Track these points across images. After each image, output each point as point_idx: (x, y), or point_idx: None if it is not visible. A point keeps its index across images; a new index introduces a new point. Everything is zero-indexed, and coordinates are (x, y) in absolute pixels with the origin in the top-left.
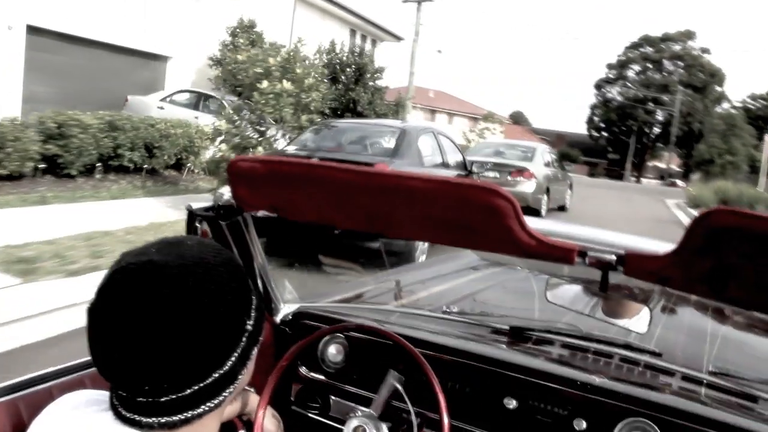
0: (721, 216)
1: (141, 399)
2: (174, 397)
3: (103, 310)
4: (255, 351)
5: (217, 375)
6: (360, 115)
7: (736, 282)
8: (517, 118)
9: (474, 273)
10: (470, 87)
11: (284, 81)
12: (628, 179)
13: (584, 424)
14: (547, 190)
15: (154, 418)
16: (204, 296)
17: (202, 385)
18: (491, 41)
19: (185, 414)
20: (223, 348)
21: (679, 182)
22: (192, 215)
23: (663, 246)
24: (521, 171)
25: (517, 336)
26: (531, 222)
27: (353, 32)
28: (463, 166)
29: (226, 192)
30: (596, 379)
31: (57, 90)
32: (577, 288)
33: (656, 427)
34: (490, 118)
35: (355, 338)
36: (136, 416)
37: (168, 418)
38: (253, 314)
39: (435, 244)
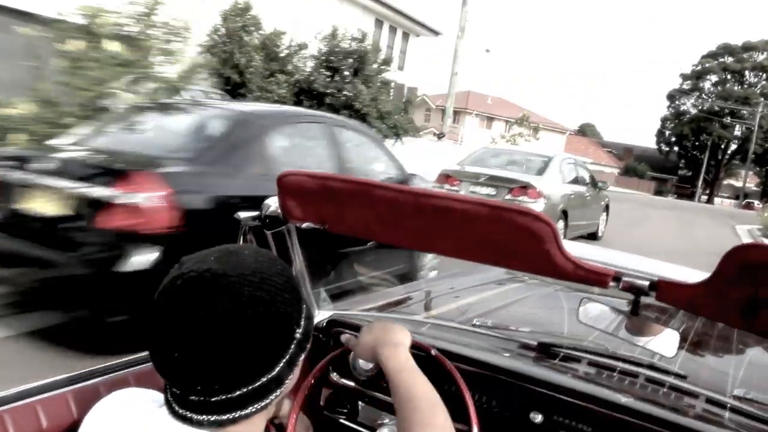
0: (757, 250)
1: (193, 398)
2: (224, 397)
3: (163, 313)
4: (302, 357)
5: (265, 379)
6: (358, 113)
7: (766, 314)
8: (586, 131)
9: (503, 286)
10: (534, 95)
11: (111, 42)
12: (700, 198)
13: None
14: (564, 214)
15: (204, 416)
16: (258, 305)
17: (251, 387)
18: (552, 42)
19: (233, 414)
20: (272, 354)
21: (756, 203)
22: (239, 224)
23: (696, 274)
24: (524, 188)
25: (545, 352)
26: (568, 246)
27: (379, 22)
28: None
29: (272, 203)
30: (622, 398)
31: None
32: (606, 308)
33: None
34: (525, 122)
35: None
36: (188, 413)
37: (217, 417)
38: (302, 323)
39: (474, 262)
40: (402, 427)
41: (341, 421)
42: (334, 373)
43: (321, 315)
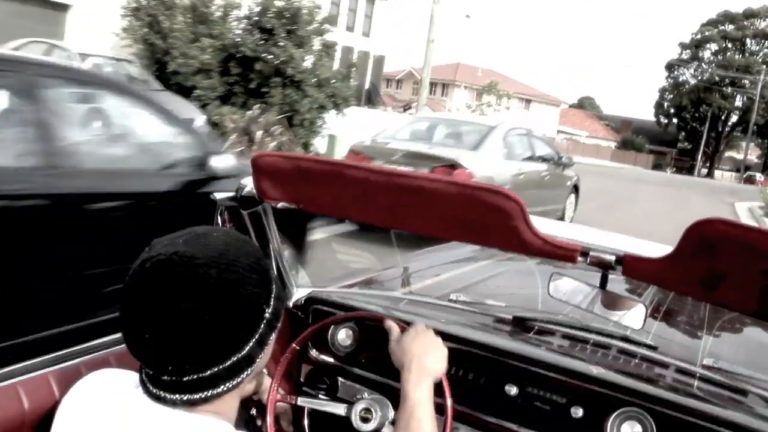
0: (715, 225)
1: (165, 377)
2: (195, 377)
3: (133, 296)
4: (273, 336)
5: (236, 358)
6: (292, 80)
7: (727, 286)
8: (584, 104)
9: (479, 261)
10: (530, 68)
11: None
12: (699, 172)
13: (581, 412)
14: None
15: (177, 395)
16: (226, 287)
17: (221, 367)
18: (549, 12)
19: (205, 393)
20: (242, 334)
21: (758, 176)
22: (215, 204)
23: (661, 249)
24: (451, 167)
25: (520, 326)
26: (537, 222)
27: None
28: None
29: (248, 183)
30: (594, 370)
31: None
32: (578, 283)
33: (649, 417)
34: (494, 90)
35: (364, 324)
36: (161, 393)
37: (190, 396)
38: (272, 302)
39: (445, 239)
40: None
41: (321, 397)
42: (314, 350)
43: (299, 292)
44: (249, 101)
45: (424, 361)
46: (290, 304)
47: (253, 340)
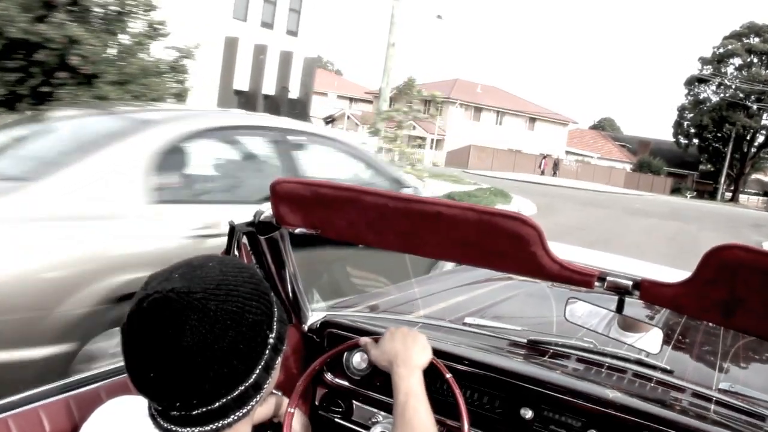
0: (733, 251)
1: (174, 413)
2: (204, 410)
3: (133, 336)
4: (279, 360)
5: (243, 387)
6: (81, 73)
7: (745, 312)
8: (604, 126)
9: (493, 284)
10: (544, 87)
11: None
12: (723, 196)
13: None
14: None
15: (188, 429)
16: (227, 318)
17: (230, 397)
18: (569, 32)
19: (216, 424)
20: (247, 362)
21: None
22: (233, 229)
23: (678, 274)
24: None
25: (535, 349)
26: (554, 247)
27: None
28: None
29: (266, 209)
30: (609, 394)
31: None
32: (594, 308)
33: None
34: (408, 92)
35: None
36: (172, 427)
37: (201, 428)
38: (275, 327)
39: (462, 264)
40: None
41: (335, 420)
42: (329, 373)
43: (314, 316)
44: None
45: (408, 354)
46: (305, 327)
47: (260, 367)
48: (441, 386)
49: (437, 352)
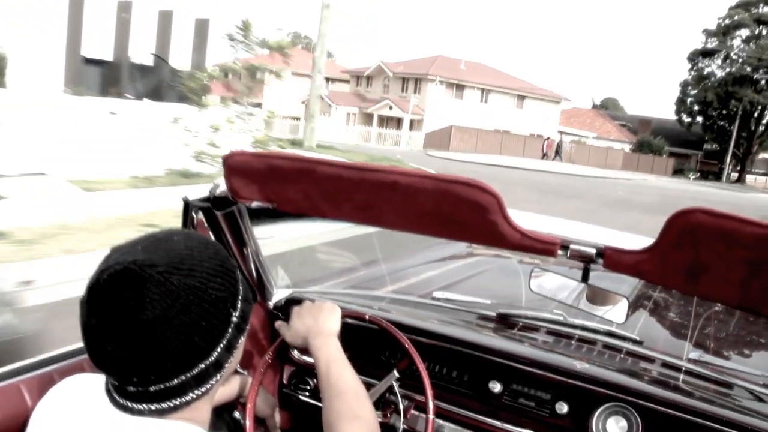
0: (697, 215)
1: (131, 388)
2: (162, 386)
3: (92, 307)
4: (242, 339)
5: (203, 365)
6: None
7: (709, 277)
8: (607, 105)
9: (463, 260)
10: (542, 66)
11: None
12: (729, 176)
13: (566, 408)
14: None
15: (144, 405)
16: (189, 293)
17: (189, 375)
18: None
19: (174, 401)
20: (208, 340)
21: None
22: (188, 205)
23: (642, 241)
24: None
25: (504, 323)
26: (515, 216)
27: None
28: None
29: (221, 183)
30: (578, 365)
31: None
32: (560, 279)
33: (635, 412)
34: (248, 34)
35: (345, 323)
36: (128, 403)
37: (157, 405)
38: (239, 305)
39: (421, 235)
40: (328, 418)
41: (303, 398)
42: (295, 351)
43: (279, 293)
44: None
45: (319, 325)
46: (270, 305)
47: (221, 345)
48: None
49: (405, 327)
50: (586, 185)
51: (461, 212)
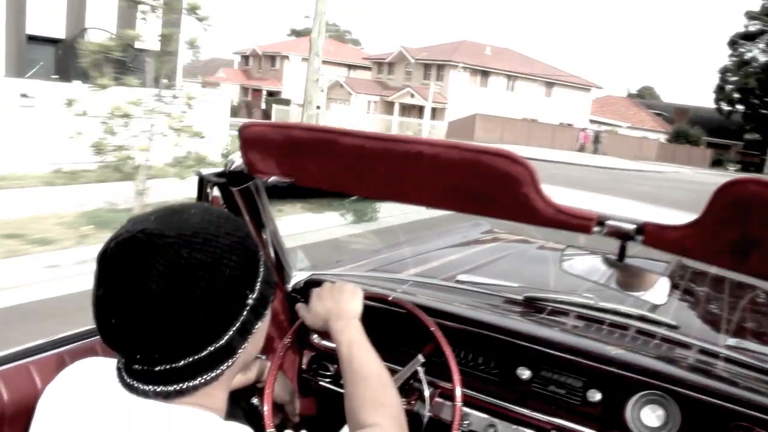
0: (747, 186)
1: (137, 366)
2: (167, 367)
3: (100, 277)
4: (260, 325)
5: (213, 348)
6: None
7: (760, 253)
8: (644, 94)
9: (485, 245)
10: (577, 55)
11: None
12: None
13: (599, 396)
14: None
15: (150, 386)
16: (198, 268)
17: (196, 357)
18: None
19: (179, 385)
20: (218, 321)
21: None
22: (202, 181)
23: (684, 217)
24: None
25: (532, 306)
26: (548, 190)
27: None
28: None
29: (237, 158)
30: (612, 350)
31: None
32: (594, 258)
33: (672, 400)
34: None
35: (368, 307)
36: (134, 383)
37: (163, 388)
38: (258, 287)
39: (448, 211)
40: (351, 404)
41: (323, 384)
42: (315, 336)
43: (299, 276)
44: None
45: (340, 306)
46: (289, 287)
47: (233, 328)
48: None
49: (429, 310)
50: (609, 179)
51: (491, 185)
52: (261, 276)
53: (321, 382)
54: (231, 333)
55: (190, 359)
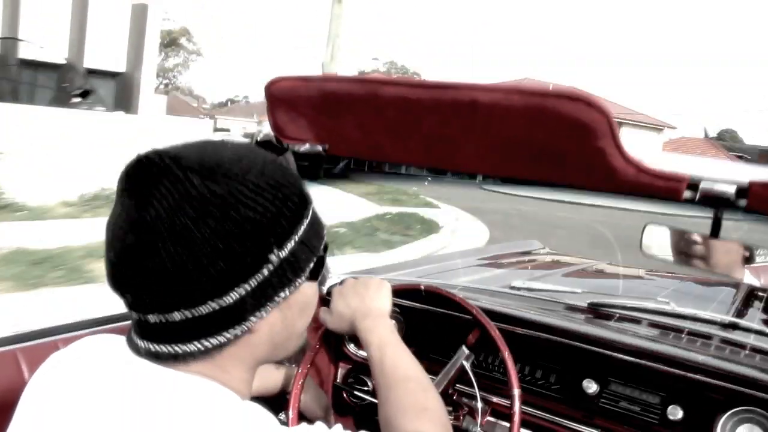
0: None
1: (133, 315)
2: (160, 320)
3: (115, 201)
4: (291, 296)
5: (215, 305)
6: None
7: None
8: (724, 137)
9: (544, 257)
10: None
11: None
12: None
13: (680, 413)
14: None
15: (143, 342)
16: (209, 201)
17: (192, 312)
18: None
19: (171, 347)
20: (225, 272)
21: None
22: None
23: None
24: None
25: (597, 313)
26: (630, 148)
27: None
28: None
29: (265, 127)
30: (698, 357)
31: None
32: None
33: None
34: None
35: (411, 313)
36: (133, 336)
37: (155, 347)
38: (290, 246)
39: (506, 177)
40: (387, 411)
41: (360, 397)
42: (351, 345)
43: (335, 279)
44: None
45: (366, 304)
46: (324, 290)
47: (246, 286)
48: (489, 356)
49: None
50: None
51: (560, 138)
52: (299, 234)
53: (358, 395)
54: (242, 292)
55: (187, 313)
